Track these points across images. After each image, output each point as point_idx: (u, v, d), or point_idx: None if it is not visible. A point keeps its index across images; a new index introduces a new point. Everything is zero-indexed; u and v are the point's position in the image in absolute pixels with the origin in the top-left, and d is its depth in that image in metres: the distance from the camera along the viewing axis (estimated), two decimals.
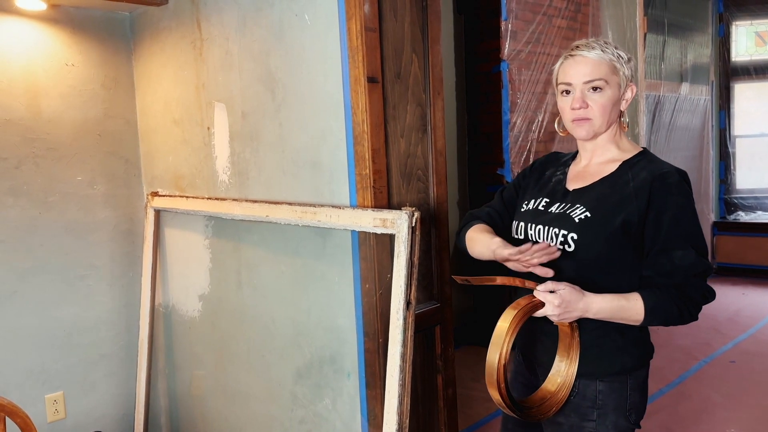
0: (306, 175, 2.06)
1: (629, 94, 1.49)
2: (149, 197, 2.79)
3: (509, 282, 1.40)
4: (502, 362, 1.31)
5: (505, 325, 1.31)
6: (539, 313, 1.35)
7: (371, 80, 1.82)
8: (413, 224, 1.71)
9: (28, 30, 2.56)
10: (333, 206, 1.91)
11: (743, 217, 6.52)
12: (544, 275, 1.38)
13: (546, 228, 1.47)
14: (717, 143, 6.56)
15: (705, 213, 6.23)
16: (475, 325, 4.46)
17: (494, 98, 4.18)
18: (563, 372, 1.44)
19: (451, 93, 4.43)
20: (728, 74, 6.55)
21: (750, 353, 4.11)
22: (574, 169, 1.57)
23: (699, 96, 6.12)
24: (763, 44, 6.48)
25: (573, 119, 1.47)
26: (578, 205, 1.46)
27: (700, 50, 6.19)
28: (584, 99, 1.44)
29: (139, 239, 2.89)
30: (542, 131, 4.34)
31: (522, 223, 1.54)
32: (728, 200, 6.63)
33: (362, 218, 1.80)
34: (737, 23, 6.52)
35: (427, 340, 2.00)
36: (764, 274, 6.13)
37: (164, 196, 2.71)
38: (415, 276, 1.74)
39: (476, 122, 4.39)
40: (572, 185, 1.53)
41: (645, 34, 5.13)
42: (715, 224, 6.48)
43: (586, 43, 1.46)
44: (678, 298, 1.36)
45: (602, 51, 1.44)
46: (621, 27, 4.85)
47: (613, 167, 1.48)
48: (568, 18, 4.44)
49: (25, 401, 2.58)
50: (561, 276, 1.41)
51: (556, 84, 1.51)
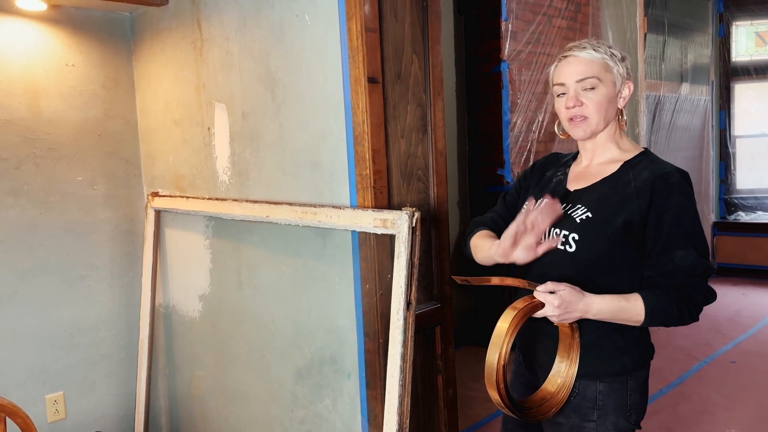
0: (306, 176, 2.06)
1: (626, 92, 1.49)
2: (149, 197, 2.79)
3: (509, 282, 1.40)
4: (502, 363, 1.31)
5: (505, 326, 1.31)
6: (539, 314, 1.35)
7: (371, 80, 1.82)
8: (413, 224, 1.71)
9: (29, 30, 2.56)
10: (333, 206, 1.91)
11: (743, 218, 6.52)
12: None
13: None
14: (717, 143, 6.55)
15: (705, 213, 6.22)
16: (475, 326, 4.46)
17: (494, 98, 4.18)
18: (563, 372, 1.44)
19: (452, 93, 4.43)
20: (728, 74, 6.55)
21: (750, 353, 4.11)
22: (575, 170, 1.57)
23: (699, 96, 6.12)
24: (764, 44, 6.48)
25: (569, 118, 1.48)
26: (579, 206, 1.46)
27: (701, 50, 6.18)
28: (578, 98, 1.45)
29: (140, 239, 2.89)
30: (542, 131, 4.34)
31: None
32: (728, 200, 6.62)
33: (362, 218, 1.80)
34: (737, 23, 6.52)
35: (428, 341, 1.99)
36: (764, 275, 6.12)
37: (164, 197, 2.71)
38: (416, 276, 1.74)
39: (476, 122, 4.39)
40: (573, 186, 1.53)
41: (645, 34, 5.13)
42: (716, 224, 6.48)
43: (578, 44, 1.47)
44: (678, 299, 1.36)
45: (594, 50, 1.45)
46: (621, 27, 4.85)
47: (615, 168, 1.48)
48: (568, 18, 4.44)
49: (26, 401, 2.58)
50: (561, 276, 1.40)
51: (552, 86, 1.52)
